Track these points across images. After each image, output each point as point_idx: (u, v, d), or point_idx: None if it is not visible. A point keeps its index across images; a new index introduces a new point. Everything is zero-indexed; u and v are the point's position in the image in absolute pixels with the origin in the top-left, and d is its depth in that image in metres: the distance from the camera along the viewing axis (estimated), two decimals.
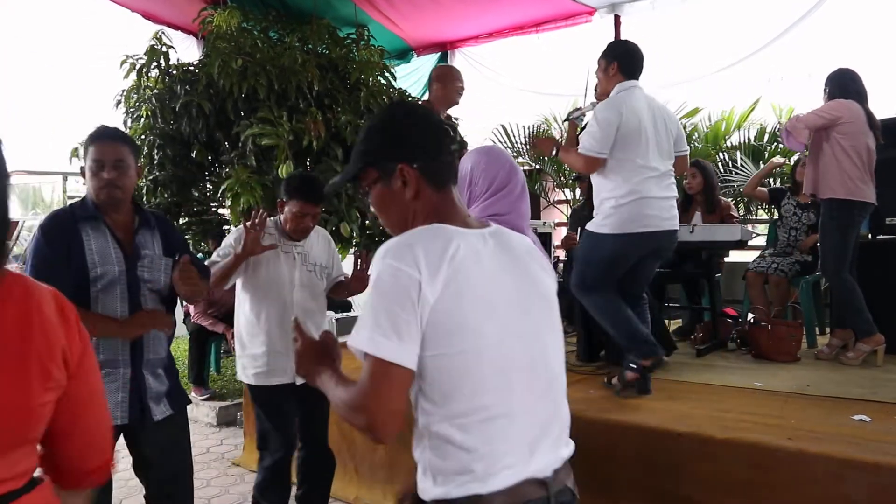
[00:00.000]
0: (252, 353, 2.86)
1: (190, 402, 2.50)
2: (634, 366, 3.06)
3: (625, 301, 3.17)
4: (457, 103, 4.02)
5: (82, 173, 2.23)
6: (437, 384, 1.19)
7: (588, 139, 3.09)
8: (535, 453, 1.24)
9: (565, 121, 4.02)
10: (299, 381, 2.69)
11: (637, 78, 3.20)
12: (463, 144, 4.30)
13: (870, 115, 3.70)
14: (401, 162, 1.31)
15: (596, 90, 3.37)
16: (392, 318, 1.15)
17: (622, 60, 3.18)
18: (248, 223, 2.67)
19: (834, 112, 3.64)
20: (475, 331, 1.19)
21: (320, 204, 2.88)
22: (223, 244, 2.91)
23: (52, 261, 2.09)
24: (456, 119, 6.09)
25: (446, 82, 3.93)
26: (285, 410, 2.89)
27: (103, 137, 2.20)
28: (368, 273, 1.93)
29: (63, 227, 2.15)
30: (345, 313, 6.78)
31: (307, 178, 2.95)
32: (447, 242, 1.21)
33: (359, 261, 2.96)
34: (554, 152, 3.37)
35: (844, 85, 3.74)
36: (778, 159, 5.24)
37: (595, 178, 3.20)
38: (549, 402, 1.30)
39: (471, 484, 1.19)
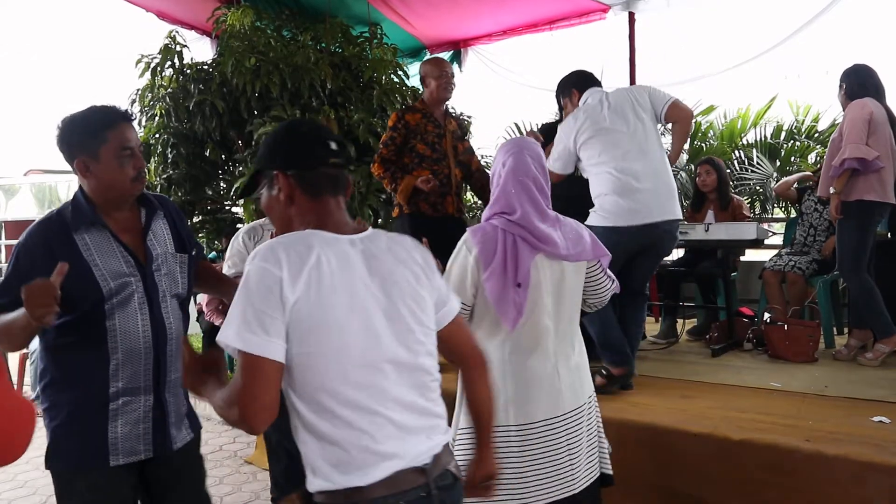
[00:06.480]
0: None
1: (201, 425, 2.05)
2: (605, 372, 3.07)
3: (624, 297, 3.01)
4: (447, 98, 3.82)
5: (83, 169, 1.72)
6: (304, 379, 1.23)
7: (550, 160, 3.22)
8: (410, 442, 1.28)
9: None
10: None
11: (595, 86, 3.30)
12: (469, 151, 3.99)
13: (889, 112, 3.64)
14: (276, 169, 1.38)
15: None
16: (258, 315, 1.19)
17: (578, 85, 3.32)
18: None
19: (865, 121, 3.50)
20: (337, 329, 1.23)
21: None
22: (234, 254, 3.01)
23: (16, 287, 1.54)
24: (469, 118, 5.96)
25: (432, 78, 3.73)
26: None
27: (125, 119, 1.76)
28: None
29: (47, 243, 1.69)
30: None
31: None
32: (311, 247, 1.26)
33: None
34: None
35: (862, 81, 3.67)
36: (809, 174, 5.12)
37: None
38: (418, 393, 1.33)
39: (349, 475, 1.22)
